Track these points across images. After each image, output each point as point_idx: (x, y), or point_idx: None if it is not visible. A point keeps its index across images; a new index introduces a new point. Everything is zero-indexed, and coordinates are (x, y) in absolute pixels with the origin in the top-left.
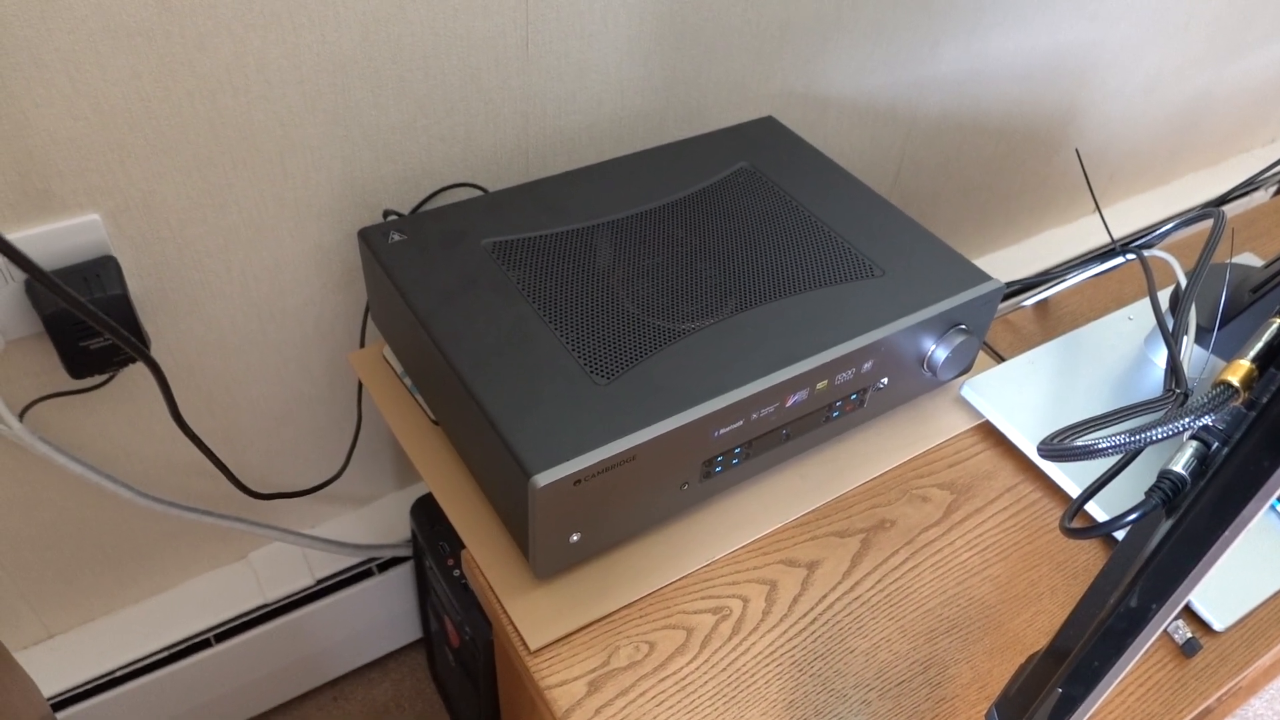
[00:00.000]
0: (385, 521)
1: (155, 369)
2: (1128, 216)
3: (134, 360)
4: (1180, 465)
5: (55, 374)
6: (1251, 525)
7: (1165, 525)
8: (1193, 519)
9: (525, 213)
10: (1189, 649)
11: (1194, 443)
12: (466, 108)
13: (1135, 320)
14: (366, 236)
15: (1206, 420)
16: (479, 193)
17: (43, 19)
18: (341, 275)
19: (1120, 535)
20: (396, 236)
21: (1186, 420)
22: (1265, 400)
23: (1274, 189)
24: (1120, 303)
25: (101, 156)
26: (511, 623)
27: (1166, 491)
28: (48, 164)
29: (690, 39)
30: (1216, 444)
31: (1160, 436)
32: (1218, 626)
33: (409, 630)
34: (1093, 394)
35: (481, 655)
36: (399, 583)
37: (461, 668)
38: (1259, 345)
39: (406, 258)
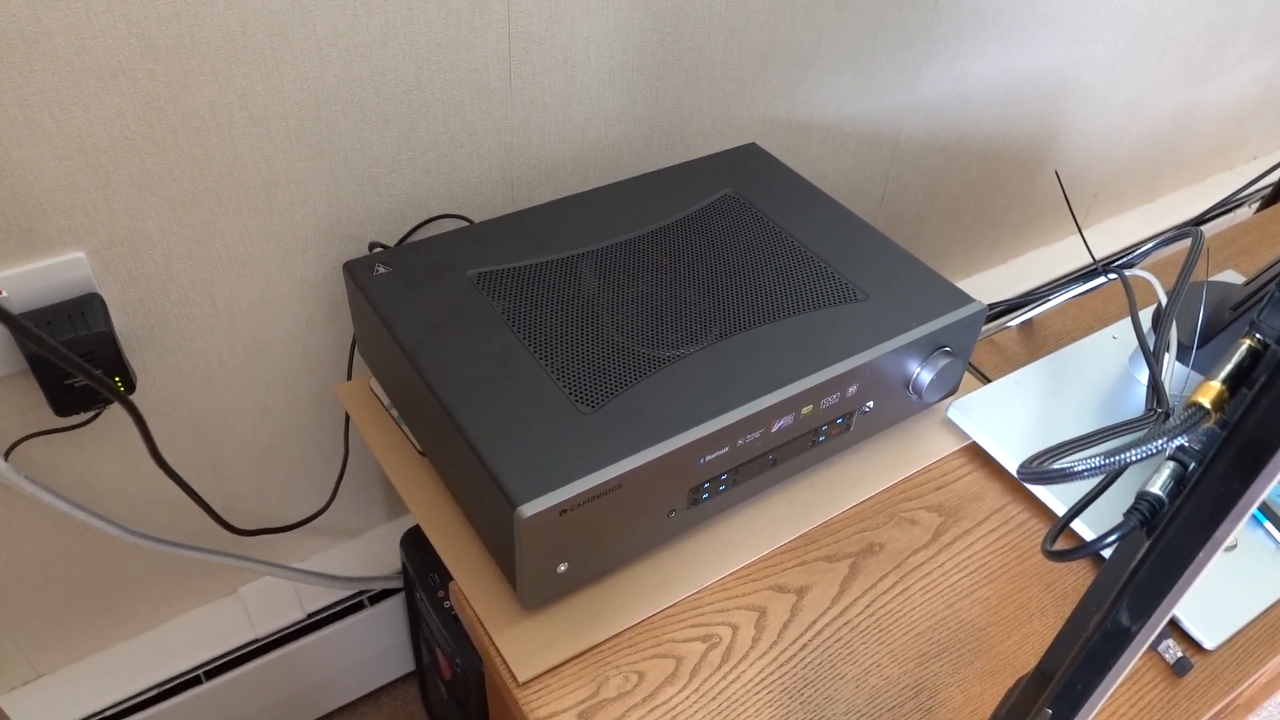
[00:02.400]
0: (376, 553)
1: (132, 410)
2: (1113, 234)
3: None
4: (1158, 486)
5: (41, 412)
6: (1240, 544)
7: (1145, 546)
8: (1169, 540)
9: (510, 243)
10: (1180, 668)
11: (1171, 463)
12: (450, 140)
13: (1119, 339)
14: (351, 269)
15: (1180, 441)
16: (464, 224)
17: (27, 61)
18: (328, 308)
19: (1108, 554)
20: (381, 269)
21: (1160, 442)
22: (1235, 420)
23: (1256, 205)
24: (1104, 322)
25: (86, 195)
26: (500, 654)
27: (1144, 513)
28: (32, 203)
29: (672, 68)
30: (1193, 464)
31: (1135, 459)
32: (1208, 645)
33: (402, 663)
34: (1079, 413)
35: (473, 687)
36: (391, 615)
37: (454, 700)
38: (1229, 366)
39: (391, 290)
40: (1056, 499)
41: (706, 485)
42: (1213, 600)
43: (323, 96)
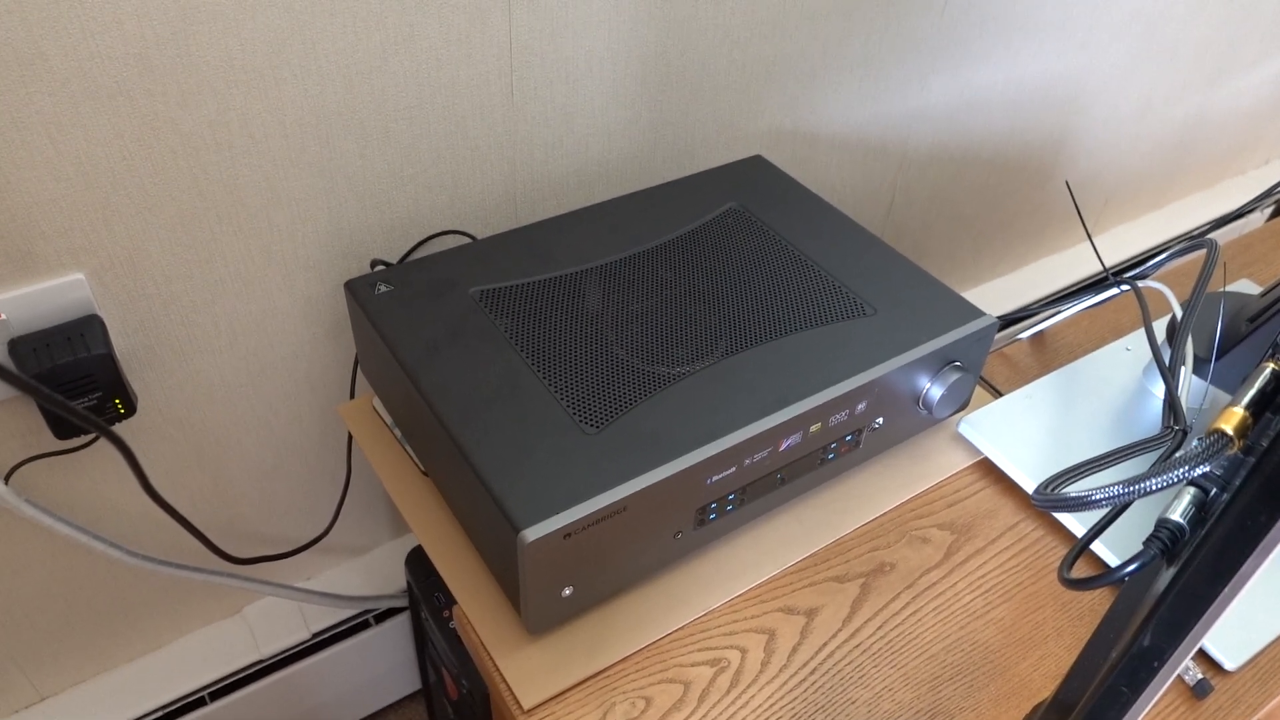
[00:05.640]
0: (381, 571)
1: (118, 443)
2: (1125, 241)
3: (119, 419)
4: (1178, 513)
5: (40, 435)
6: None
7: (1167, 575)
8: (1193, 572)
9: (513, 259)
10: (1200, 690)
11: (1192, 489)
12: (453, 156)
13: (1133, 350)
14: (353, 288)
15: (1202, 469)
16: (467, 240)
17: (23, 82)
18: (331, 326)
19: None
20: (383, 287)
21: (1181, 471)
22: (1263, 447)
23: (1269, 211)
24: (1118, 333)
25: (85, 216)
26: (504, 680)
27: (1165, 541)
28: (30, 225)
29: (676, 80)
30: (1214, 490)
31: (1155, 488)
32: (1229, 666)
33: (408, 682)
34: (1092, 427)
35: (479, 709)
36: (397, 633)
37: None
38: (1252, 392)
39: (393, 309)
40: (1073, 516)
41: (714, 506)
42: (1234, 620)
43: (323, 114)
